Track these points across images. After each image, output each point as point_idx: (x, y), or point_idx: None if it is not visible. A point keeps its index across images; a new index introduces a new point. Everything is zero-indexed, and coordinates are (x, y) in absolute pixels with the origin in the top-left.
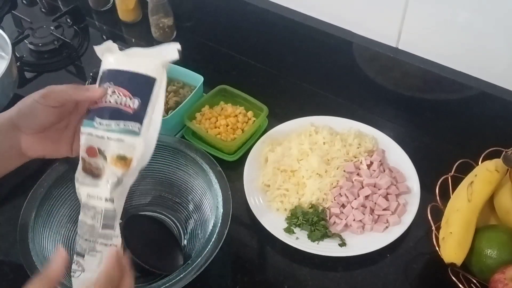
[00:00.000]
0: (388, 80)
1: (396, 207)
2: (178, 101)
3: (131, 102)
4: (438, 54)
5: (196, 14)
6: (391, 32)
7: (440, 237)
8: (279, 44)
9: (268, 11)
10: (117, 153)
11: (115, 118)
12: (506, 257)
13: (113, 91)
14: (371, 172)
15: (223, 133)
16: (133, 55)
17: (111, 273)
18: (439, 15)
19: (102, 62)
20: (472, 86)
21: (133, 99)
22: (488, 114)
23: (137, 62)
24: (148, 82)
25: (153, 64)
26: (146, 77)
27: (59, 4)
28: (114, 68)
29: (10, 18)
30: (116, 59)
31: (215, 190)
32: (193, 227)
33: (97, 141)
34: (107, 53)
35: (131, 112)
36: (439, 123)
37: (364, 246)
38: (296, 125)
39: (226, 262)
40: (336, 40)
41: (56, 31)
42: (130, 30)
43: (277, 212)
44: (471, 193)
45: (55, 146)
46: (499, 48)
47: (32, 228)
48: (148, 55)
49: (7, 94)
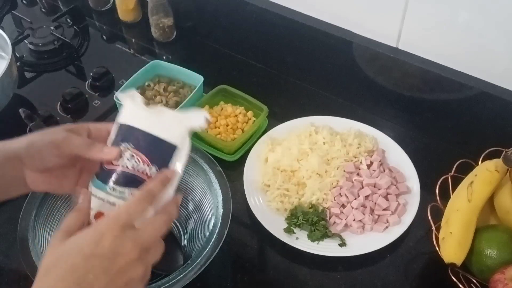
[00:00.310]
0: (388, 80)
1: (396, 207)
2: (178, 101)
3: (148, 169)
4: (438, 54)
5: (196, 14)
6: (391, 32)
7: (440, 237)
8: (279, 44)
9: (268, 11)
10: None
11: (130, 185)
12: (506, 257)
13: (131, 155)
14: (371, 172)
15: (223, 133)
16: (158, 115)
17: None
18: (439, 15)
19: (122, 110)
20: (472, 86)
21: (150, 166)
22: (488, 114)
23: (161, 125)
24: (169, 149)
25: (178, 131)
26: (167, 144)
27: (59, 4)
28: (135, 127)
29: (10, 18)
30: (138, 115)
31: (215, 190)
32: (193, 227)
33: (108, 207)
34: (129, 103)
35: (146, 180)
36: (439, 123)
37: (364, 246)
38: (296, 125)
39: (226, 262)
40: (336, 40)
41: (56, 31)
42: (130, 30)
43: (277, 212)
44: (471, 193)
45: (59, 183)
46: (499, 48)
47: (32, 228)
48: (174, 118)
49: (7, 94)
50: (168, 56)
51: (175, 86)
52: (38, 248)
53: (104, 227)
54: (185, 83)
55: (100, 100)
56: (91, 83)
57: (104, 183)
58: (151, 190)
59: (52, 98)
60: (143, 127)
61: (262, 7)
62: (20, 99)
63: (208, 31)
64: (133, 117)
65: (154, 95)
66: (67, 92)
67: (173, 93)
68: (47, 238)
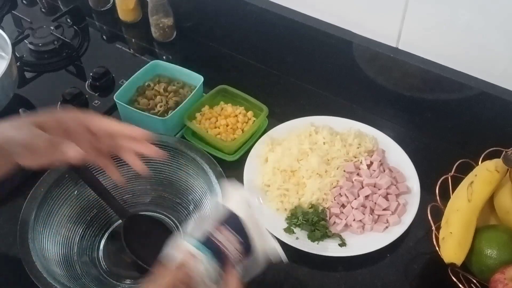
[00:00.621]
0: (388, 80)
1: (396, 207)
2: (178, 101)
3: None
4: (438, 54)
5: (196, 14)
6: (391, 32)
7: (440, 237)
8: (279, 44)
9: (268, 11)
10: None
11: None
12: (506, 257)
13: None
14: (371, 172)
15: (223, 133)
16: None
17: None
18: (439, 15)
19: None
20: (472, 86)
21: (240, 256)
22: (488, 114)
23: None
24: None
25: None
26: (248, 244)
27: (59, 4)
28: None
29: (10, 18)
30: (250, 215)
31: (215, 190)
32: None
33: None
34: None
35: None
36: (439, 123)
37: (364, 246)
38: (296, 125)
39: None
40: (336, 40)
41: (56, 31)
42: (130, 30)
43: (277, 212)
44: (471, 193)
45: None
46: (499, 48)
47: (32, 228)
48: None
49: (7, 94)
50: (168, 56)
51: (175, 86)
52: (38, 248)
53: None
54: (185, 83)
55: (100, 100)
56: (91, 83)
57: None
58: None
59: (52, 98)
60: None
61: (262, 7)
62: (20, 99)
63: (208, 31)
64: (246, 214)
65: (154, 95)
66: (67, 92)
67: (173, 93)
68: (47, 238)
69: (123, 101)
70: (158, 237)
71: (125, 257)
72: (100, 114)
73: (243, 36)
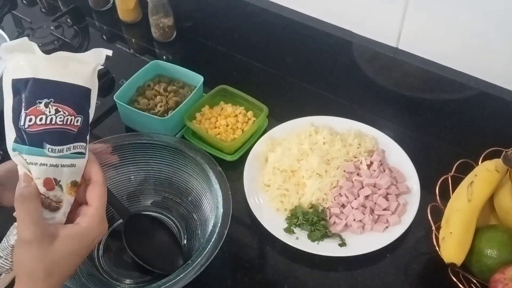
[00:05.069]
0: (388, 80)
1: (396, 207)
2: (178, 101)
3: (75, 121)
4: (438, 54)
5: (196, 14)
6: (391, 32)
7: (440, 237)
8: (279, 44)
9: (268, 11)
10: (71, 180)
11: (66, 142)
12: (506, 257)
13: (56, 109)
14: (371, 172)
15: (223, 133)
16: (59, 61)
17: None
18: (439, 15)
19: (19, 62)
20: (472, 86)
21: (77, 117)
22: (488, 114)
23: (69, 71)
24: (86, 94)
25: (86, 73)
26: (83, 89)
27: (59, 4)
28: (48, 79)
29: (10, 18)
30: (42, 65)
31: (215, 190)
32: (193, 227)
33: (52, 171)
34: (25, 54)
35: (75, 131)
36: (439, 123)
37: (364, 246)
38: (296, 125)
39: (226, 262)
40: (336, 40)
41: (56, 31)
42: (130, 30)
43: (277, 212)
44: (471, 193)
45: None
46: (499, 48)
47: None
48: (77, 61)
49: None
50: (168, 56)
51: (175, 86)
52: None
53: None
54: (185, 83)
55: (100, 100)
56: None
57: (39, 147)
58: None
59: None
60: (56, 77)
61: (262, 7)
62: None
63: (208, 31)
64: (38, 68)
65: (154, 95)
66: None
67: (173, 93)
68: None
69: (123, 101)
70: (158, 237)
71: (125, 257)
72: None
73: (243, 36)
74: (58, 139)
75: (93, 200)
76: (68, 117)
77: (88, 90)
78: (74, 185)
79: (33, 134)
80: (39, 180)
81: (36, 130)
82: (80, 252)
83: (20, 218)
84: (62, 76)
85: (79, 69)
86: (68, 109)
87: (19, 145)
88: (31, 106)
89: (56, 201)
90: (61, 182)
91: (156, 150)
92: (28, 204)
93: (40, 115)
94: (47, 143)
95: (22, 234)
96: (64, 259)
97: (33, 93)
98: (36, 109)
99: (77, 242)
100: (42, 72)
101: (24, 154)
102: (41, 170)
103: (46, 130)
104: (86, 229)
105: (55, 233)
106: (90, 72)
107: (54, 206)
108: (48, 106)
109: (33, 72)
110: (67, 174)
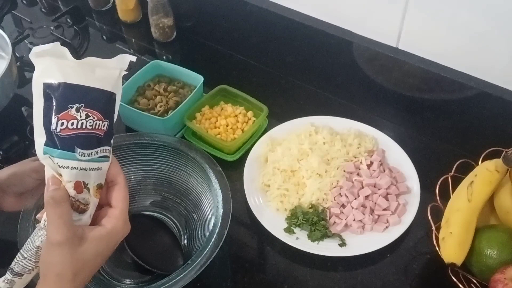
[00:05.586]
0: (388, 80)
1: (396, 207)
2: (178, 101)
3: (102, 125)
4: (438, 54)
5: (196, 14)
6: (391, 32)
7: (440, 237)
8: (279, 44)
9: (268, 11)
10: (97, 183)
11: (94, 146)
12: (506, 257)
13: (86, 114)
14: (371, 172)
15: (223, 133)
16: (90, 65)
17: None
18: (439, 15)
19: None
20: (472, 86)
21: (104, 122)
22: (488, 114)
23: (99, 76)
24: (112, 99)
25: (112, 78)
26: (110, 94)
27: (59, 4)
28: (78, 84)
29: (10, 18)
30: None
31: (215, 190)
32: (193, 227)
33: (82, 174)
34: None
35: (102, 136)
36: (439, 123)
37: (364, 246)
38: (296, 125)
39: (226, 262)
40: (336, 40)
41: (56, 31)
42: (130, 30)
43: (277, 212)
44: (471, 193)
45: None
46: (499, 48)
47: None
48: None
49: (7, 94)
50: (168, 56)
51: (175, 86)
52: None
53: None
54: (185, 83)
55: None
56: None
57: (71, 151)
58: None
59: None
60: (84, 82)
61: (262, 7)
62: (20, 99)
63: (208, 31)
64: (69, 73)
65: (154, 95)
66: None
67: (173, 93)
68: None
69: (123, 101)
70: (158, 237)
71: (125, 257)
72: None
73: (243, 36)
74: (87, 143)
75: (118, 202)
76: (96, 121)
77: (114, 95)
78: (100, 188)
79: (65, 138)
80: (69, 183)
81: (68, 134)
82: (106, 253)
83: (51, 221)
84: (91, 81)
85: (106, 74)
86: (97, 114)
87: (50, 148)
88: (63, 111)
89: (84, 203)
90: (89, 185)
91: (156, 150)
92: (60, 207)
93: (72, 119)
94: (78, 147)
95: (53, 236)
96: (91, 261)
97: (65, 97)
98: (67, 113)
99: (104, 243)
100: (73, 77)
101: (56, 158)
102: (72, 174)
103: (77, 134)
104: (112, 230)
105: (83, 235)
106: (116, 77)
107: (82, 209)
108: (79, 111)
109: (65, 77)
110: (94, 177)
